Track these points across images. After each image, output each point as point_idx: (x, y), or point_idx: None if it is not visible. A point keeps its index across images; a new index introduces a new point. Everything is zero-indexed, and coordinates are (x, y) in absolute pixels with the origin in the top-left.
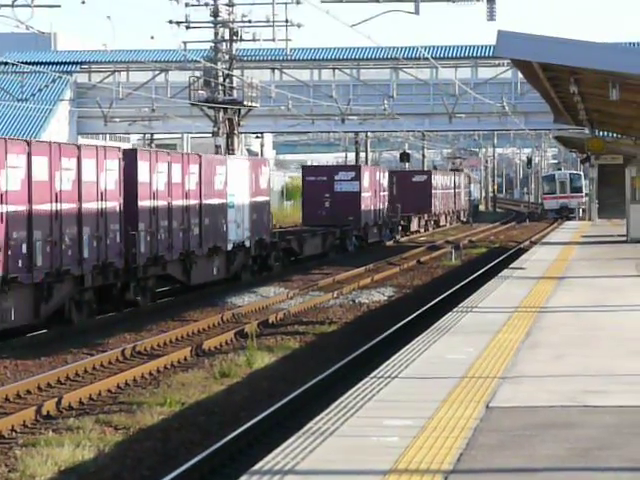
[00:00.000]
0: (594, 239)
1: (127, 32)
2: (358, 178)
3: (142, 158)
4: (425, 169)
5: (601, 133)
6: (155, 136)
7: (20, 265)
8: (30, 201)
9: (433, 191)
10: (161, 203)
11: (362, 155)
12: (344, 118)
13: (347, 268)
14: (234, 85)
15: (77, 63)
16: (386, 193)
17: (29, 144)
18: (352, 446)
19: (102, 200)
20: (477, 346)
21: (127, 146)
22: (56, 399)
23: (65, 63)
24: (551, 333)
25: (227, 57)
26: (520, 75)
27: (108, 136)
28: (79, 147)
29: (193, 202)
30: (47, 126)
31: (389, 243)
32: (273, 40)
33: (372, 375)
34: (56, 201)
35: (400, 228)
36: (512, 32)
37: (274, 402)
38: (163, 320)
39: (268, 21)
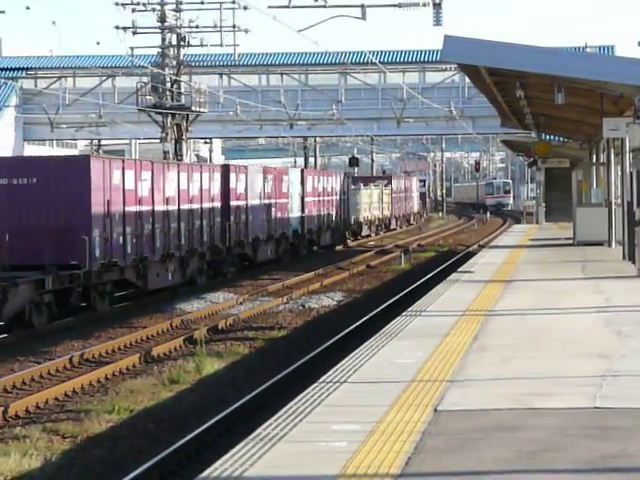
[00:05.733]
0: (541, 242)
1: (73, 38)
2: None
3: (397, 178)
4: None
5: (547, 137)
6: (102, 142)
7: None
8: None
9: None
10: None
11: (311, 160)
12: (292, 123)
13: (297, 273)
14: (182, 91)
15: (23, 69)
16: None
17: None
18: (301, 451)
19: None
20: (425, 350)
21: (74, 152)
22: (2, 408)
23: (10, 69)
24: (498, 336)
25: (175, 63)
26: (467, 79)
27: (55, 142)
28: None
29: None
30: None
31: (339, 247)
32: (221, 45)
33: (321, 380)
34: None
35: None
36: (458, 37)
37: (223, 408)
38: (111, 327)
39: (215, 26)
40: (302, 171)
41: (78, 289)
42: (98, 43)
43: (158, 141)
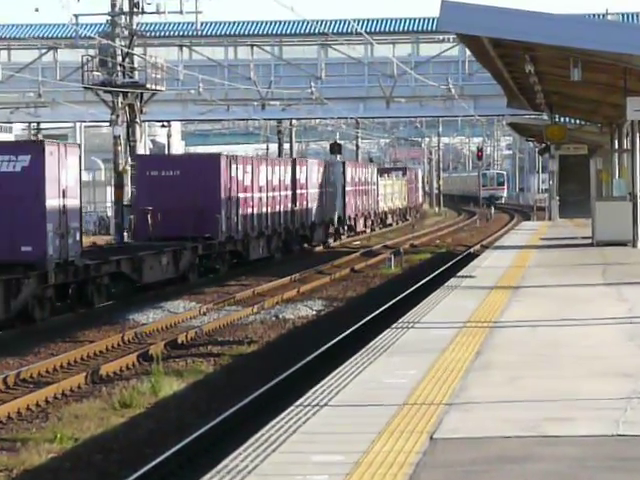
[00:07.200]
0: (555, 242)
1: (8, 4)
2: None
3: None
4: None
5: (562, 119)
6: (42, 125)
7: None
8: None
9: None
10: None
11: (286, 146)
12: (265, 103)
13: (269, 278)
14: (135, 65)
15: None
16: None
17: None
18: None
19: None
20: (420, 368)
21: (9, 137)
22: None
23: None
24: (505, 352)
25: (126, 32)
26: (468, 52)
27: None
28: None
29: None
30: None
31: (319, 249)
32: (180, 13)
33: (298, 403)
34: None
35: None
36: (458, 3)
37: (184, 436)
38: (53, 341)
39: None
40: (343, 163)
41: (214, 255)
42: (37, 10)
43: (107, 124)
